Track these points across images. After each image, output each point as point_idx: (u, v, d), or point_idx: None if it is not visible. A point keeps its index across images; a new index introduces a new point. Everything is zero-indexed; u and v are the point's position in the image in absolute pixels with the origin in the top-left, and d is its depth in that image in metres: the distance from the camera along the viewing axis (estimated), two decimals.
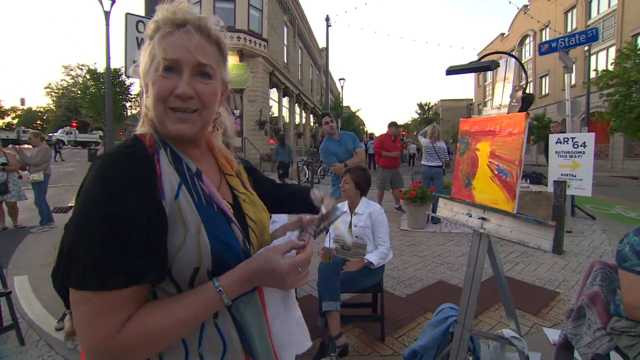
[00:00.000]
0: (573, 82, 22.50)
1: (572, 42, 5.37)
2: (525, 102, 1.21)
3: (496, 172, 1.28)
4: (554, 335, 2.42)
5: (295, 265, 0.65)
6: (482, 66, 1.30)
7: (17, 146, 5.74)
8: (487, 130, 1.34)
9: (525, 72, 1.32)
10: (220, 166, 0.81)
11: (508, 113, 1.28)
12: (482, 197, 1.37)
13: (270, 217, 3.06)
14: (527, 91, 1.21)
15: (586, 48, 16.49)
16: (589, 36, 5.54)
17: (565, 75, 5.23)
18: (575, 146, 4.20)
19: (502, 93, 1.33)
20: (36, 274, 3.65)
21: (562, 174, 4.26)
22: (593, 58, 20.10)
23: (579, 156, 4.17)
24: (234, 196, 0.78)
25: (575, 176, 4.18)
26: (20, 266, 3.94)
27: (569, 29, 22.83)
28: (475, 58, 1.42)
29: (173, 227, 0.61)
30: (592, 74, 17.14)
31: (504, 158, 1.25)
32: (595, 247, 4.49)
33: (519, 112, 1.23)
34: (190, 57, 0.64)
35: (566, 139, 4.25)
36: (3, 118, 49.55)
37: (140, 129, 0.71)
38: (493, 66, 1.28)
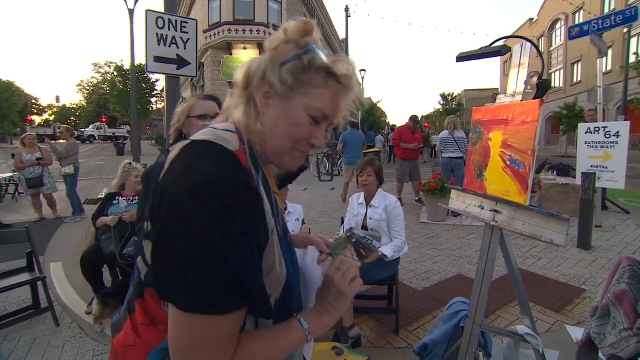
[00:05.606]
0: (609, 67, 21.07)
1: (606, 24, 5.00)
2: (541, 88, 1.15)
3: (508, 163, 1.23)
4: (577, 333, 2.33)
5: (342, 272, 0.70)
6: (492, 51, 1.24)
7: (51, 141, 6.07)
8: (500, 119, 1.29)
9: (542, 57, 1.25)
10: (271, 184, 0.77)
11: (522, 101, 1.22)
12: (494, 189, 1.32)
13: (286, 208, 3.08)
14: (543, 77, 1.15)
15: (625, 30, 15.35)
16: (627, 16, 5.15)
17: (598, 60, 4.89)
18: (608, 136, 3.96)
19: (516, 80, 1.27)
20: (69, 261, 3.88)
21: (591, 166, 4.04)
22: (633, 41, 18.69)
23: (611, 147, 3.93)
24: None
25: (606, 168, 3.94)
26: (55, 254, 4.21)
27: (606, 11, 21.31)
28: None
29: (265, 257, 0.60)
30: (632, 58, 15.96)
31: (516, 148, 1.20)
32: (628, 243, 4.24)
33: (533, 99, 1.18)
34: (335, 117, 0.68)
35: (597, 129, 4.01)
36: (41, 115, 52.61)
37: (231, 137, 0.62)
38: (504, 51, 1.22)
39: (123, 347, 0.67)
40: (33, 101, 47.05)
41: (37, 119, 48.86)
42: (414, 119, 6.85)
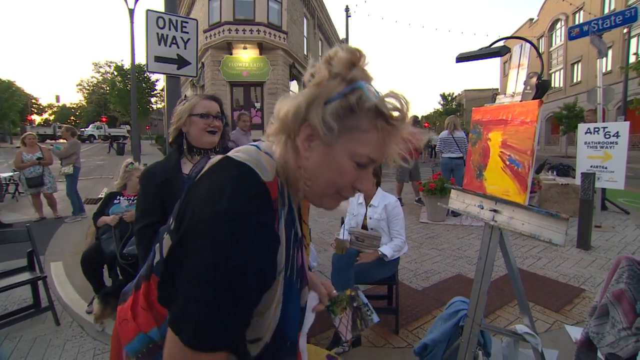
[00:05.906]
0: (609, 67, 21.05)
1: (606, 24, 5.01)
2: (540, 89, 1.15)
3: (508, 163, 1.24)
4: (576, 333, 2.33)
5: None
6: (492, 52, 1.25)
7: (51, 142, 6.07)
8: (499, 119, 1.30)
9: (541, 57, 1.25)
10: (300, 211, 0.73)
11: (521, 101, 1.23)
12: (493, 189, 1.33)
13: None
14: (543, 77, 1.15)
15: (625, 30, 15.34)
16: (627, 17, 5.16)
17: (598, 60, 4.90)
18: (607, 136, 3.97)
19: (516, 80, 1.27)
20: (69, 261, 3.89)
21: (591, 166, 4.04)
22: (633, 41, 18.69)
23: (610, 147, 3.94)
24: None
25: (606, 168, 3.95)
26: (56, 253, 4.21)
27: (606, 11, 21.31)
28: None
29: (264, 298, 0.58)
30: (632, 58, 15.96)
31: (515, 148, 1.21)
32: (628, 243, 4.25)
33: (532, 99, 1.18)
34: (381, 160, 0.63)
35: (597, 129, 4.01)
36: (41, 115, 52.60)
37: (269, 164, 0.60)
38: (503, 52, 1.23)
39: (120, 319, 0.71)
40: (33, 101, 47.04)
41: (37, 119, 48.83)
42: (414, 119, 6.88)
